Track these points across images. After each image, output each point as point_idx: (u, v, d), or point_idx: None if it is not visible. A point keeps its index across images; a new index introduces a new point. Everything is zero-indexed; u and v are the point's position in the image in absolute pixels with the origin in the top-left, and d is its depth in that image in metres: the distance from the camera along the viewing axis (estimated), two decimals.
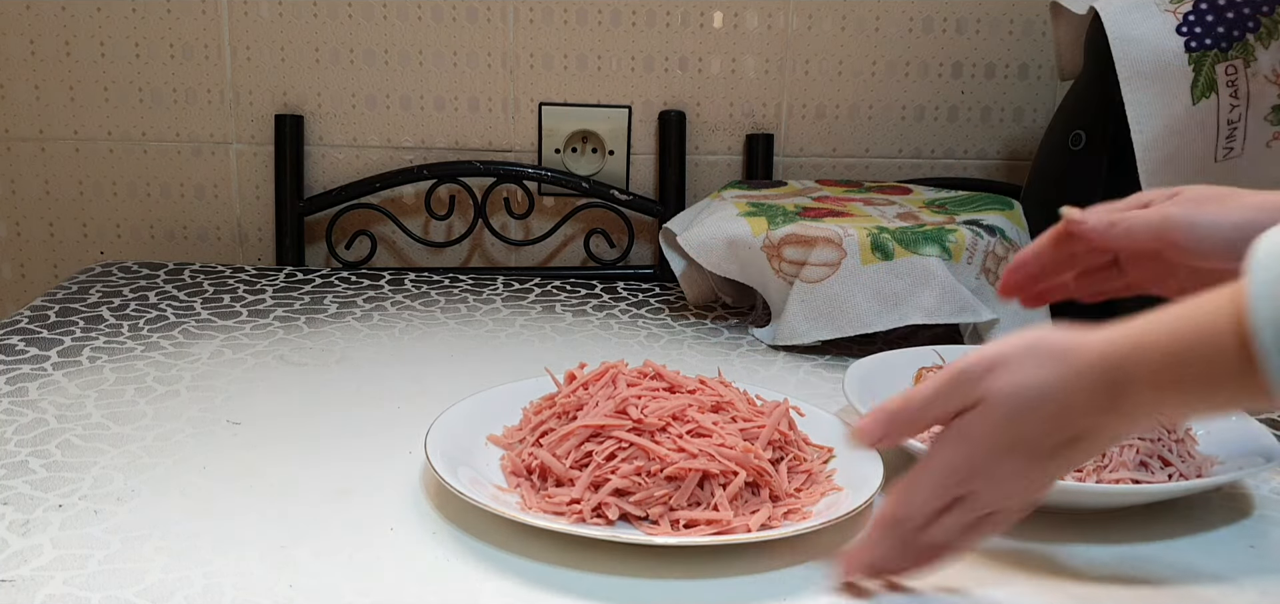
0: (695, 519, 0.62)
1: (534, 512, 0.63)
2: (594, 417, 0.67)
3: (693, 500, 0.63)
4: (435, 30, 1.22)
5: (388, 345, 0.96)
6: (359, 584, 0.58)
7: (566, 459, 0.66)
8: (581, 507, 0.63)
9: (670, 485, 0.63)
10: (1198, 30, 0.91)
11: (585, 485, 0.64)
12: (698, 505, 0.63)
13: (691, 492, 0.63)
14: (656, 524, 0.62)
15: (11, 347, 0.92)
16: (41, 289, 1.26)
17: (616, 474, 0.63)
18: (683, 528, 0.62)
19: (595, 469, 0.64)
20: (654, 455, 0.64)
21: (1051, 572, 0.62)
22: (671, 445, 0.64)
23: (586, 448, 0.66)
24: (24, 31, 1.20)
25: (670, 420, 0.66)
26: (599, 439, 0.66)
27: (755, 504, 0.64)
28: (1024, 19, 1.24)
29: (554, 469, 0.65)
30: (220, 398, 0.83)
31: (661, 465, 0.63)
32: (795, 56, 1.24)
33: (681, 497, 0.63)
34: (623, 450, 0.65)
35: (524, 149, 1.25)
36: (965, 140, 1.27)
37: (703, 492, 0.63)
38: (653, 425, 0.65)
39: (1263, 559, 0.64)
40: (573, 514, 0.63)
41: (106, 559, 0.60)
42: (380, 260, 1.27)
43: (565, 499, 0.64)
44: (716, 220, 1.01)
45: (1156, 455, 0.69)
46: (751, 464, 0.64)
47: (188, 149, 1.24)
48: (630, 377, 0.71)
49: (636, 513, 0.63)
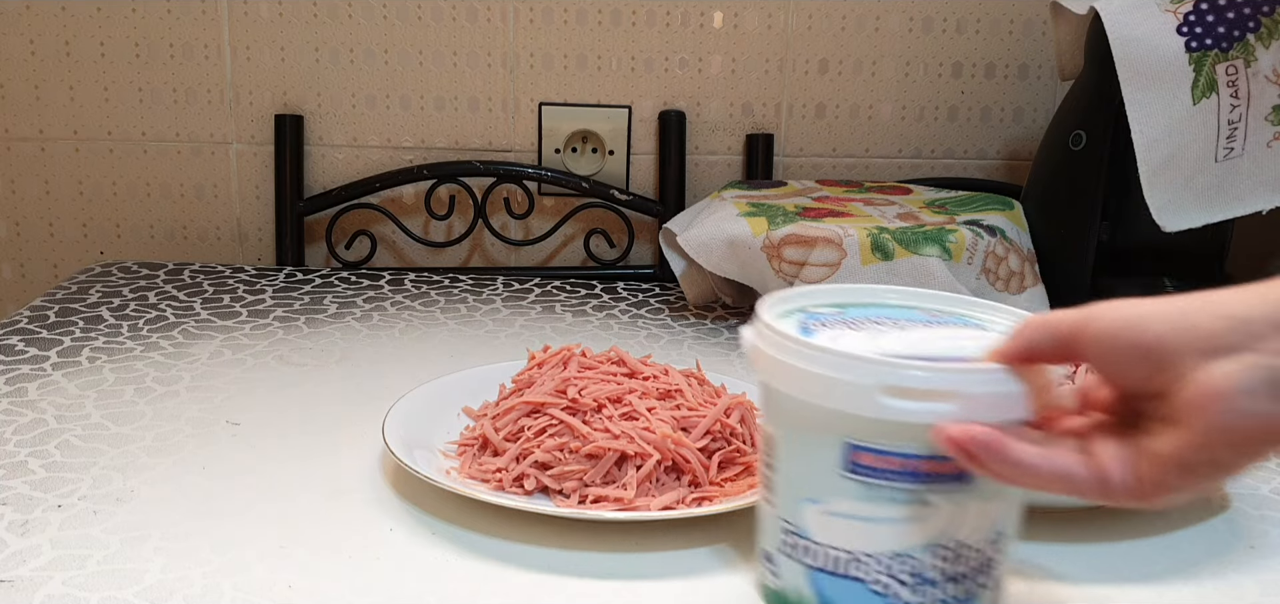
0: (603, 496, 0.65)
1: (461, 478, 0.67)
2: (534, 394, 0.71)
3: (608, 479, 0.66)
4: (435, 30, 1.22)
5: (388, 345, 0.96)
6: (359, 584, 0.58)
7: (502, 433, 0.70)
8: (502, 476, 0.67)
9: (589, 463, 0.66)
10: (1198, 30, 0.91)
11: (511, 457, 0.68)
12: (612, 484, 0.66)
13: (608, 470, 0.66)
14: (568, 498, 0.66)
15: (11, 347, 0.92)
16: (41, 289, 1.26)
17: (540, 448, 0.67)
18: (590, 503, 0.65)
19: (524, 443, 0.68)
20: (578, 434, 0.67)
21: (1046, 575, 0.62)
22: (601, 427, 0.68)
23: (522, 423, 0.70)
24: (24, 31, 1.20)
25: (606, 402, 0.69)
26: (536, 416, 0.70)
27: (673, 488, 0.66)
28: (1024, 19, 1.24)
29: (492, 440, 0.70)
30: (220, 398, 0.83)
31: (582, 443, 0.66)
32: (795, 56, 1.24)
33: (597, 474, 0.66)
34: (553, 427, 0.68)
35: (524, 149, 1.25)
36: (965, 140, 1.27)
37: (620, 471, 0.66)
38: (586, 406, 0.69)
39: (1263, 559, 0.64)
40: (495, 482, 0.67)
41: (105, 559, 0.60)
42: (380, 260, 1.27)
43: (493, 468, 0.68)
44: (716, 220, 1.01)
45: None
46: (667, 449, 0.66)
47: (188, 149, 1.24)
48: (592, 360, 0.74)
49: (553, 486, 0.66)
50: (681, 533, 0.65)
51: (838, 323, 0.54)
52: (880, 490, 0.50)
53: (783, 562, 0.54)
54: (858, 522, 0.50)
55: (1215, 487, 0.45)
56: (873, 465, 0.49)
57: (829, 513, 0.51)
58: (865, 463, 0.50)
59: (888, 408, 0.48)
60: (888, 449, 0.49)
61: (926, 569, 0.50)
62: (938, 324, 0.55)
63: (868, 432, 0.49)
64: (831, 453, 0.50)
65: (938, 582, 0.51)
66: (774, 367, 0.51)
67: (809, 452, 0.51)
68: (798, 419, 0.52)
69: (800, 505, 0.52)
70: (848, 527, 0.51)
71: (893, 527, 0.50)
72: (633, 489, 0.65)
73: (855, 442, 0.50)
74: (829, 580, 0.52)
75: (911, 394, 0.48)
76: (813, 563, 0.52)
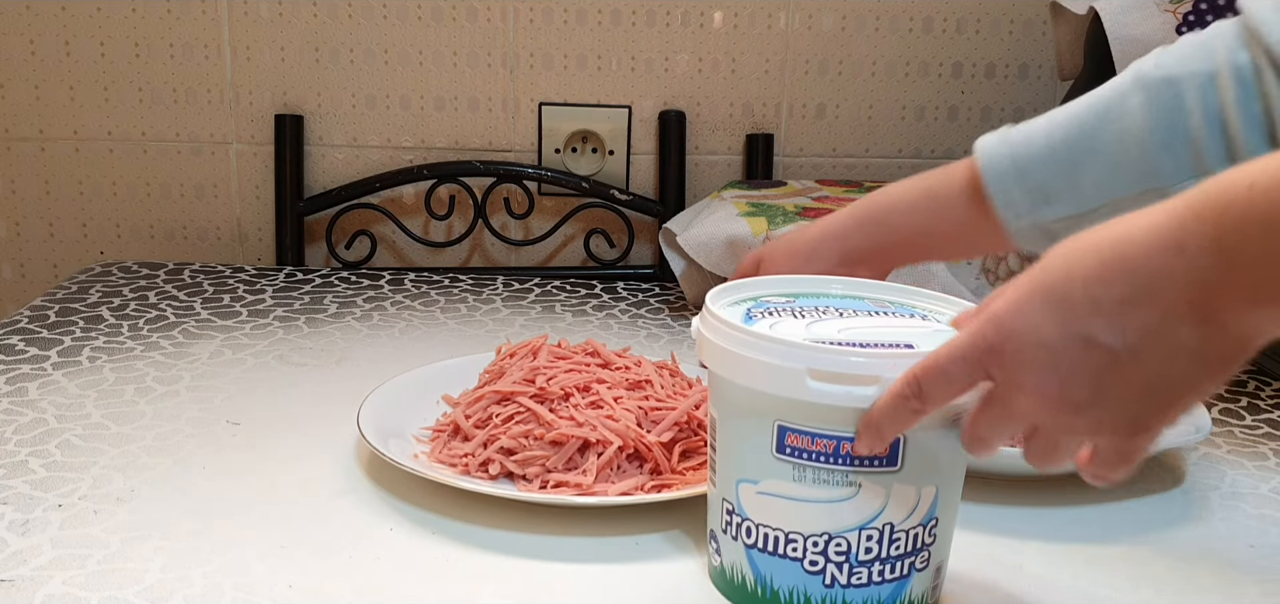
0: (564, 481, 0.66)
1: (430, 462, 0.69)
2: (504, 383, 0.72)
3: (570, 465, 0.67)
4: (435, 30, 1.22)
5: (388, 345, 0.96)
6: (359, 584, 0.58)
7: (472, 420, 0.71)
8: (468, 461, 0.68)
9: (552, 449, 0.67)
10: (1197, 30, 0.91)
11: (479, 443, 0.69)
12: (574, 469, 0.67)
13: (571, 457, 0.67)
14: (531, 483, 0.67)
15: (11, 347, 0.92)
16: (41, 289, 1.26)
17: (506, 435, 0.68)
18: (551, 488, 0.66)
19: (491, 429, 0.69)
20: (543, 421, 0.68)
21: (1034, 579, 0.62)
22: (566, 415, 0.69)
23: (491, 410, 0.71)
24: (24, 31, 1.20)
25: (573, 391, 0.70)
26: (505, 404, 0.71)
27: (634, 475, 0.67)
28: (1024, 19, 1.24)
29: (462, 427, 0.71)
30: (220, 398, 0.83)
31: (547, 430, 0.68)
32: (795, 56, 1.24)
33: (559, 459, 0.67)
34: (520, 415, 0.70)
35: (524, 149, 1.25)
36: (965, 140, 1.27)
37: (582, 458, 0.67)
38: (553, 395, 0.70)
39: (1263, 558, 0.64)
40: (462, 466, 0.68)
41: (106, 559, 0.60)
42: (380, 260, 1.27)
43: (461, 453, 0.69)
44: (716, 220, 1.01)
45: None
46: (628, 437, 0.67)
47: (188, 149, 1.24)
48: (565, 351, 0.76)
49: (517, 471, 0.68)
50: (641, 518, 0.66)
51: (785, 311, 0.57)
52: (809, 471, 0.52)
53: (724, 540, 0.56)
54: (790, 501, 0.53)
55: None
56: (802, 447, 0.52)
57: (764, 493, 0.54)
58: (795, 444, 0.52)
59: (814, 391, 0.50)
60: (815, 431, 0.51)
61: (856, 550, 0.53)
62: (881, 313, 0.58)
63: (797, 414, 0.52)
64: (765, 435, 0.53)
65: (868, 563, 0.53)
66: (714, 352, 0.54)
67: (746, 434, 0.54)
68: (736, 403, 0.54)
69: (738, 486, 0.55)
70: (781, 506, 0.53)
71: (822, 507, 0.52)
72: (592, 475, 0.66)
73: (785, 424, 0.52)
74: (765, 559, 0.54)
75: (836, 377, 0.50)
76: (749, 541, 0.55)
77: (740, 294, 0.59)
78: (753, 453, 0.54)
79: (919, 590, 0.54)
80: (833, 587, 0.53)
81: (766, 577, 0.55)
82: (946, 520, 0.54)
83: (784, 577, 0.54)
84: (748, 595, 0.56)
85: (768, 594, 0.55)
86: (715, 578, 0.58)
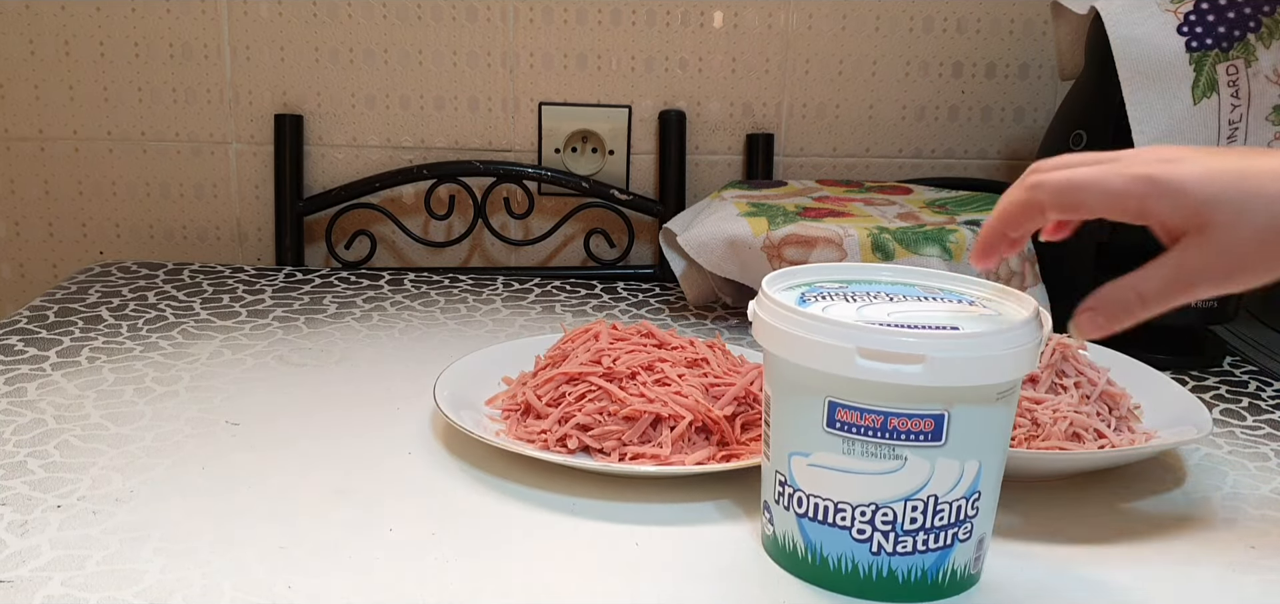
0: (640, 453, 0.71)
1: (510, 439, 0.72)
2: (571, 365, 0.76)
3: (644, 439, 0.72)
4: (435, 30, 1.21)
5: (388, 345, 0.96)
6: (359, 584, 0.58)
7: (544, 399, 0.75)
8: (547, 436, 0.72)
9: (626, 424, 0.72)
10: (1199, 30, 0.91)
11: (555, 419, 0.73)
12: (648, 443, 0.71)
13: (644, 431, 0.72)
14: (608, 456, 0.71)
15: (10, 347, 0.91)
16: (41, 289, 1.26)
17: (582, 412, 0.73)
18: (629, 459, 0.71)
19: (565, 407, 0.74)
20: (615, 398, 0.73)
21: (1041, 570, 0.62)
22: (636, 392, 0.73)
23: (562, 390, 0.75)
24: (24, 31, 1.20)
25: (639, 370, 0.75)
26: (575, 383, 0.75)
27: (703, 446, 0.72)
28: (1024, 19, 1.24)
29: (535, 406, 0.75)
30: (219, 398, 0.83)
31: (619, 407, 0.72)
32: (795, 56, 1.24)
33: (634, 434, 0.71)
34: (591, 393, 0.74)
35: (524, 149, 1.25)
36: (966, 140, 1.27)
37: (655, 432, 0.72)
38: (621, 373, 0.74)
39: (1263, 558, 0.64)
40: (540, 442, 0.72)
41: (105, 560, 0.60)
42: (380, 260, 1.27)
43: (538, 430, 0.73)
44: (716, 220, 1.01)
45: (1092, 428, 0.72)
46: (698, 411, 0.72)
47: (187, 149, 1.24)
48: (622, 332, 0.80)
49: (594, 445, 0.72)
50: (696, 488, 0.70)
51: (837, 296, 0.60)
52: (858, 444, 0.55)
53: (777, 511, 0.60)
54: (839, 473, 0.56)
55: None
56: (851, 422, 0.55)
57: (815, 465, 0.57)
58: (845, 419, 0.55)
59: (863, 369, 0.54)
60: (865, 407, 0.55)
61: (902, 519, 0.56)
62: (929, 299, 0.61)
63: (847, 390, 0.55)
64: (816, 411, 0.56)
65: (913, 532, 0.56)
66: (770, 333, 0.58)
67: (798, 409, 0.57)
68: (789, 380, 0.58)
69: (790, 458, 0.58)
70: (830, 477, 0.57)
71: (870, 478, 0.56)
72: (668, 447, 0.71)
73: (836, 400, 0.55)
74: (815, 528, 0.58)
75: (884, 356, 0.53)
76: (801, 511, 0.58)
77: (794, 279, 0.63)
78: (805, 428, 0.57)
79: (962, 561, 0.57)
80: (879, 554, 0.57)
81: (816, 544, 0.58)
82: (989, 494, 0.57)
83: (833, 545, 0.57)
84: (799, 562, 0.59)
85: (818, 561, 0.58)
86: (768, 546, 0.62)
